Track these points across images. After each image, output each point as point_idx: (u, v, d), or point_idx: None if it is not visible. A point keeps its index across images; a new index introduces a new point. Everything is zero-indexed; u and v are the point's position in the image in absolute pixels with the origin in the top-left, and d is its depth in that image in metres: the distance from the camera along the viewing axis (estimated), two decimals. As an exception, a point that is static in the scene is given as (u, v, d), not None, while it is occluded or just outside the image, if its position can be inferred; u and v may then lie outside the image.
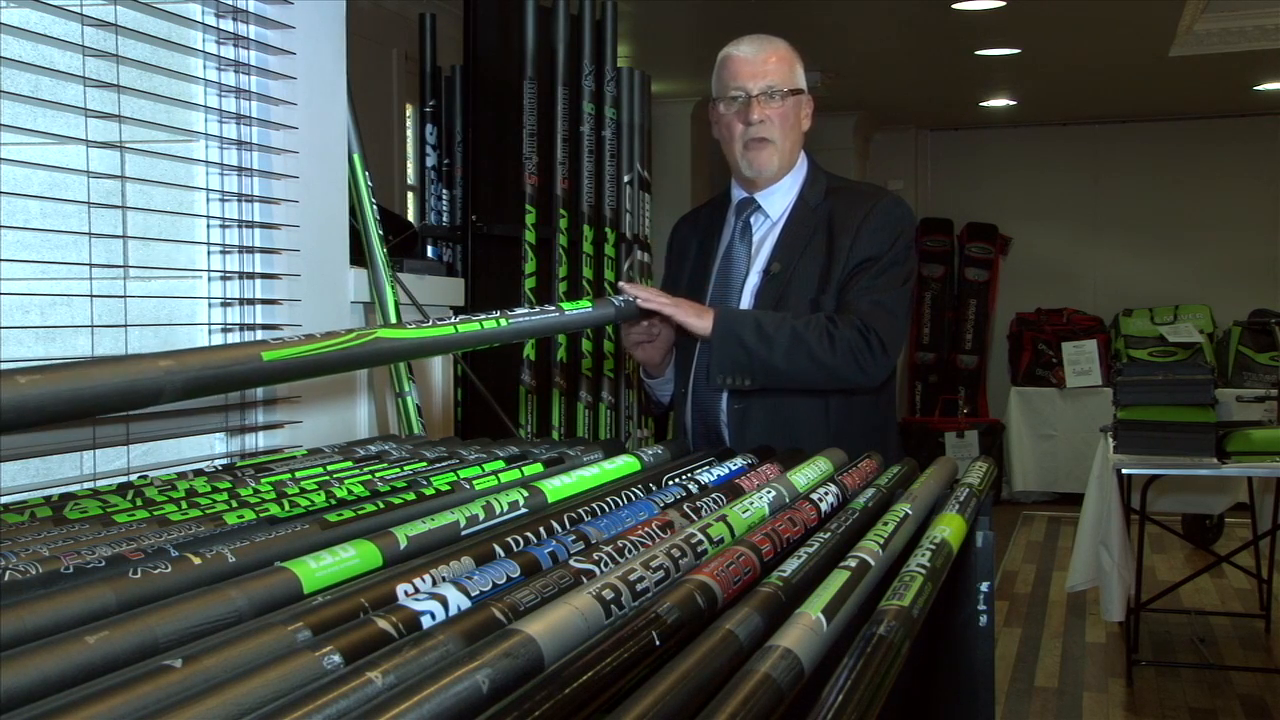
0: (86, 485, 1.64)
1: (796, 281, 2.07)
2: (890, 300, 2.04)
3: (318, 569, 0.90)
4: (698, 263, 2.22)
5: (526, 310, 1.55)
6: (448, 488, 1.33)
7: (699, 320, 1.96)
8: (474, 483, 1.37)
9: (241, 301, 2.12)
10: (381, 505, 1.19)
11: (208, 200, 2.08)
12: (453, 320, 1.38)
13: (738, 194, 2.19)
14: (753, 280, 2.11)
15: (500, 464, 1.50)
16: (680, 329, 2.02)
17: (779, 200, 2.15)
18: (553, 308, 1.62)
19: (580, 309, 1.70)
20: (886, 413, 2.19)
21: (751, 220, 2.17)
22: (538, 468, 1.50)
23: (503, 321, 1.44)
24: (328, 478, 1.42)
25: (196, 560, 0.93)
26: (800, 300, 2.06)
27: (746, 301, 2.11)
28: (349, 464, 1.55)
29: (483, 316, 1.44)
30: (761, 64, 2.07)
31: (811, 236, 2.09)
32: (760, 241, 2.15)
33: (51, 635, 0.71)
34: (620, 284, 1.92)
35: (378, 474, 1.43)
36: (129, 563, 0.91)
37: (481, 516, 1.13)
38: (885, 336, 2.00)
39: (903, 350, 2.13)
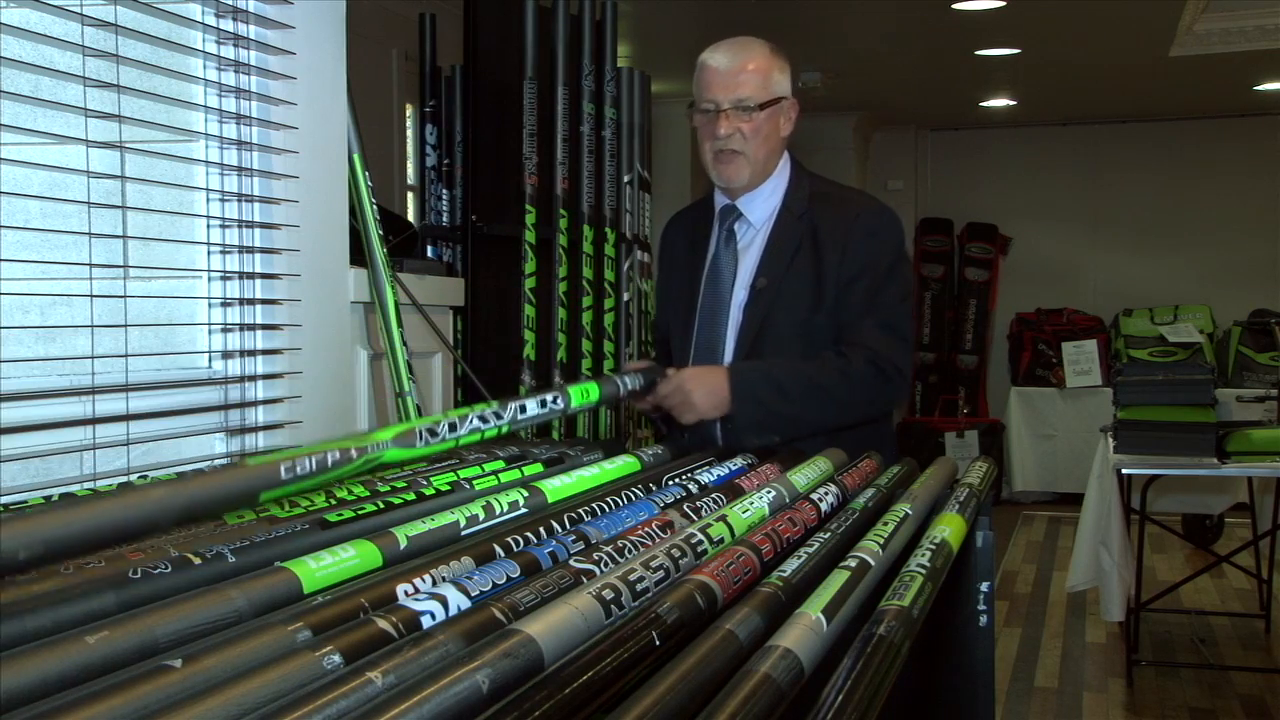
0: (86, 485, 1.64)
1: (784, 298, 2.03)
2: (894, 320, 2.02)
3: (318, 569, 0.90)
4: (688, 268, 2.19)
5: (530, 400, 1.42)
6: (448, 488, 1.33)
7: (714, 399, 1.89)
8: (474, 483, 1.37)
9: (241, 301, 2.12)
10: (381, 505, 1.19)
11: (208, 200, 2.08)
12: (455, 435, 1.26)
13: (720, 200, 2.16)
14: (739, 295, 2.08)
15: (500, 464, 1.50)
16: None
17: (761, 206, 2.11)
18: (557, 398, 1.49)
19: (588, 400, 1.57)
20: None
21: (735, 228, 2.13)
22: (538, 468, 1.49)
23: (503, 427, 1.33)
24: (328, 478, 1.41)
25: (196, 560, 0.93)
26: (789, 318, 2.03)
27: (735, 317, 2.07)
28: (349, 464, 1.54)
29: (485, 427, 1.32)
30: (734, 76, 2.02)
31: (797, 250, 2.05)
32: (745, 250, 2.11)
33: (51, 635, 0.71)
34: (641, 408, 1.90)
35: (378, 474, 1.43)
36: (129, 563, 0.91)
37: (481, 516, 1.13)
38: (898, 361, 1.98)
39: (912, 359, 2.10)
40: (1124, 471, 3.92)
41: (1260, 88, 7.04)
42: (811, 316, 2.03)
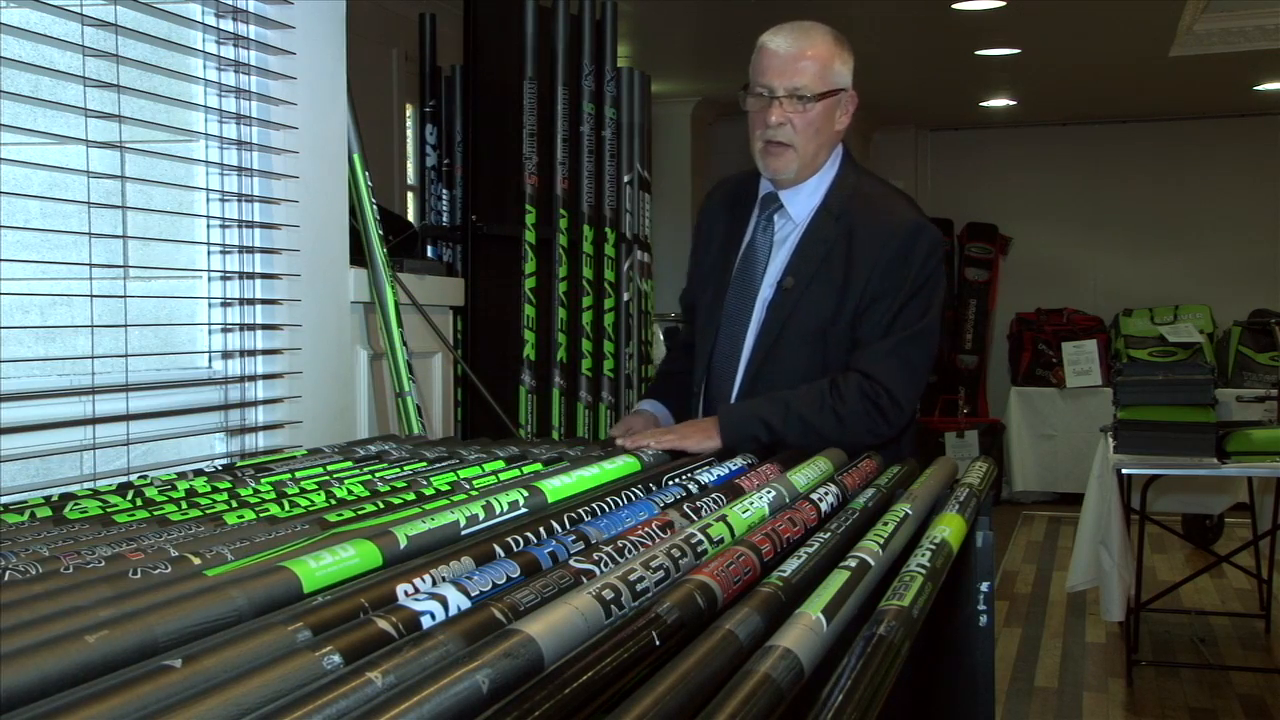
0: (86, 485, 1.64)
1: (806, 303, 1.99)
2: (905, 344, 1.95)
3: (318, 569, 0.90)
4: (723, 247, 2.14)
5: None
6: (448, 488, 1.33)
7: (709, 441, 1.86)
8: (474, 482, 1.37)
9: (241, 301, 2.12)
10: (381, 505, 1.19)
11: (208, 200, 2.08)
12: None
13: (764, 186, 2.10)
14: (765, 293, 2.04)
15: (500, 464, 1.50)
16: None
17: (803, 202, 2.05)
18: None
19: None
20: None
21: (775, 217, 2.08)
22: (537, 467, 1.50)
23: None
24: (328, 478, 1.42)
25: (196, 560, 0.93)
26: (808, 324, 1.99)
27: (759, 314, 2.04)
28: (349, 464, 1.55)
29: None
30: (792, 63, 1.96)
31: (828, 254, 2.00)
32: (780, 242, 2.06)
33: (49, 635, 0.71)
34: (622, 443, 1.80)
35: (378, 474, 1.43)
36: (129, 563, 0.91)
37: (481, 516, 1.13)
38: (896, 390, 1.91)
39: (924, 384, 2.01)
40: (1124, 471, 3.92)
41: (1260, 88, 7.04)
42: (829, 328, 1.98)
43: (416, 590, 0.87)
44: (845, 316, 1.97)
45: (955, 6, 5.16)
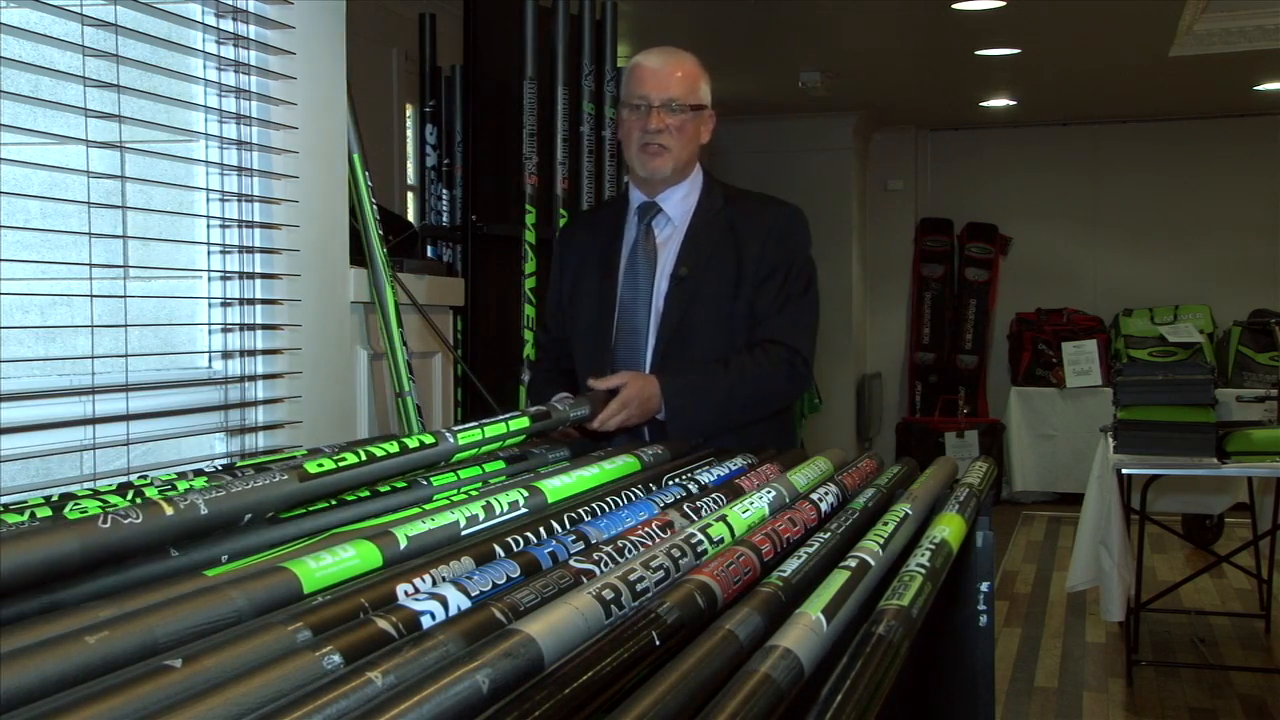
0: (86, 485, 1.64)
1: (706, 287, 2.15)
2: (803, 311, 2.20)
3: (318, 569, 0.90)
4: (600, 264, 2.25)
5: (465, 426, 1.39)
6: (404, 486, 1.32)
7: (648, 410, 2.00)
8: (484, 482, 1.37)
9: (241, 301, 2.12)
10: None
11: (208, 200, 2.08)
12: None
13: (638, 198, 2.25)
14: (661, 285, 2.18)
15: (500, 464, 1.50)
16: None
17: (679, 204, 2.22)
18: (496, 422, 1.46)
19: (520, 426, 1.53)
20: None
21: (654, 224, 2.23)
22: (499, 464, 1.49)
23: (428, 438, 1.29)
24: (328, 478, 1.41)
25: (169, 510, 0.92)
26: (710, 305, 2.15)
27: (656, 305, 2.17)
28: (349, 464, 1.54)
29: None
30: (666, 77, 2.15)
31: (718, 242, 2.18)
32: (664, 243, 2.21)
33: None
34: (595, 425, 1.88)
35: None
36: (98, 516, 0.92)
37: (481, 516, 1.13)
38: (806, 352, 2.17)
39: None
40: (1124, 471, 3.92)
41: (1260, 88, 7.04)
42: (731, 305, 2.15)
43: (416, 590, 0.87)
44: (745, 295, 2.16)
45: (955, 6, 5.16)
